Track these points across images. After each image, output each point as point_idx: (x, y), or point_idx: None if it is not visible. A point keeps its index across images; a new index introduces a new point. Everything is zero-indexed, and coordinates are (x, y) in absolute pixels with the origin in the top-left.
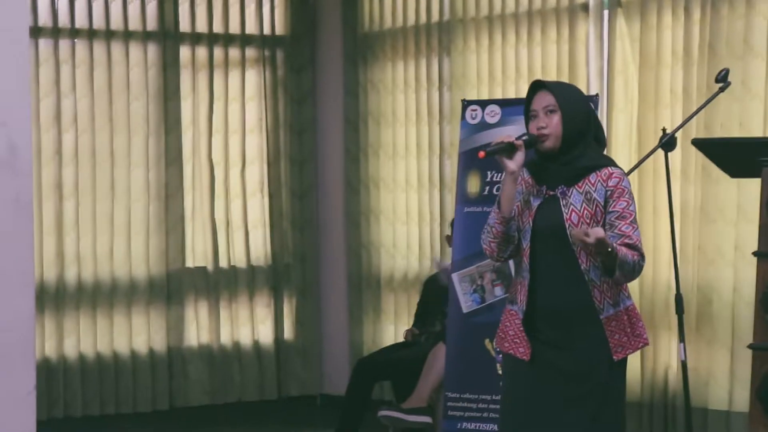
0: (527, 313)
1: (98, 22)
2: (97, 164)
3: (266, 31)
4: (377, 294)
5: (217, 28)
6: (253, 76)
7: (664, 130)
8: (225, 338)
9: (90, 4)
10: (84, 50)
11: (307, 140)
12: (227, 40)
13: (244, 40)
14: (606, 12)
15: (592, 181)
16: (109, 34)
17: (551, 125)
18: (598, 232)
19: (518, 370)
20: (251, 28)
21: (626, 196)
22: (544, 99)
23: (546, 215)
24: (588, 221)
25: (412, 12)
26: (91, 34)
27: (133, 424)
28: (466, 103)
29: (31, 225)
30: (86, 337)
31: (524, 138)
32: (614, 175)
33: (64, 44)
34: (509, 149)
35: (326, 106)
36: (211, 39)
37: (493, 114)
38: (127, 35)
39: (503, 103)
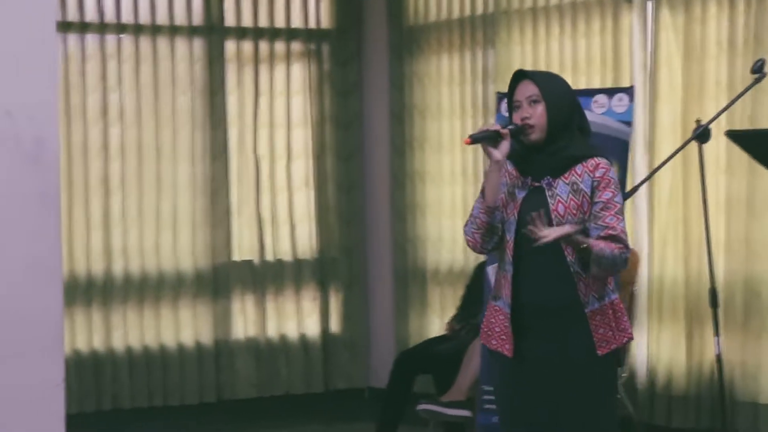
0: (513, 308)
1: (144, 18)
2: (144, 159)
3: (312, 24)
4: (423, 287)
5: (263, 22)
6: (298, 70)
7: (698, 121)
8: (271, 331)
9: None
10: (130, 45)
11: (353, 134)
12: (273, 34)
13: (289, 34)
14: (650, 3)
15: (579, 172)
16: (155, 29)
17: (535, 116)
18: (559, 230)
19: (507, 367)
20: (297, 21)
21: (612, 187)
22: (528, 89)
23: (531, 207)
24: (575, 212)
25: (456, 4)
26: (137, 29)
27: (181, 417)
28: (500, 96)
29: (58, 219)
30: (133, 330)
31: (510, 127)
32: (600, 165)
33: (110, 39)
34: (494, 137)
35: (372, 99)
36: (256, 33)
37: None
38: (173, 30)
39: None
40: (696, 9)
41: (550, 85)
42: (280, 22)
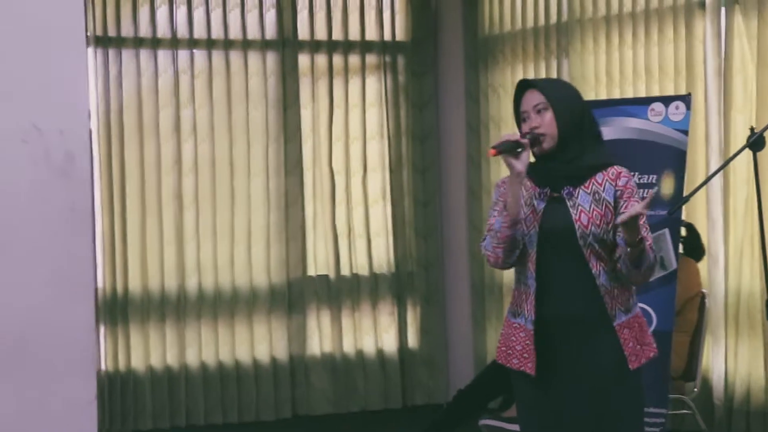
0: (536, 324)
1: (217, 32)
2: (217, 173)
3: (387, 37)
4: (500, 300)
5: (337, 35)
6: (373, 83)
7: (752, 129)
8: (348, 347)
9: (208, 14)
10: (203, 60)
11: (430, 146)
12: (347, 47)
13: (364, 46)
14: (723, 9)
15: (600, 181)
16: (227, 44)
17: (544, 124)
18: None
19: (530, 387)
20: (371, 34)
21: (636, 197)
22: (533, 98)
23: (552, 218)
24: (599, 222)
25: (530, 13)
26: (209, 44)
27: None
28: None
29: (90, 233)
30: (208, 346)
31: (528, 137)
32: (623, 174)
33: (182, 54)
34: (515, 148)
35: (448, 111)
36: (330, 46)
37: None
38: (246, 44)
39: (596, 104)
40: None
41: (555, 91)
42: (354, 35)
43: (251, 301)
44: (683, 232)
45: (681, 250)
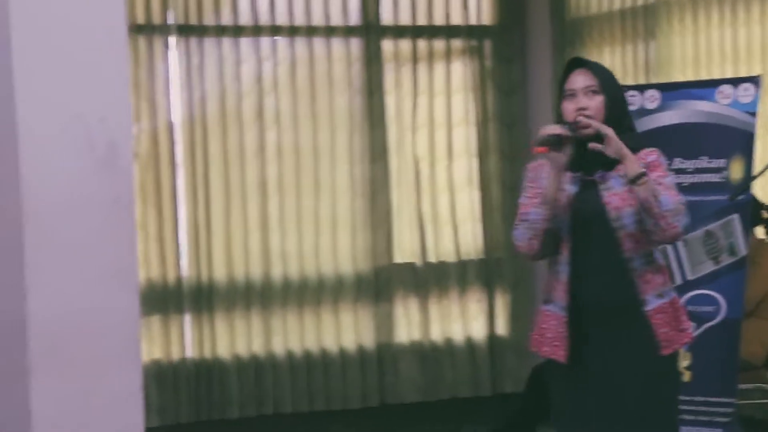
0: (568, 310)
1: (299, 19)
2: (301, 161)
3: (473, 21)
4: None
5: (421, 20)
6: (459, 69)
7: None
8: (436, 334)
9: (291, 1)
10: (286, 47)
11: (517, 132)
12: (432, 32)
13: (449, 31)
14: None
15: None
16: (310, 31)
17: (593, 107)
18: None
19: (562, 374)
20: (457, 19)
21: (661, 169)
22: (585, 79)
23: (585, 202)
24: (633, 203)
25: None
26: (292, 31)
27: (343, 421)
28: (624, 89)
29: (133, 225)
30: (294, 335)
31: (568, 127)
32: (652, 153)
33: (265, 42)
34: (559, 141)
35: (536, 96)
36: (415, 32)
37: (652, 99)
38: (329, 31)
39: (663, 88)
40: None
41: (607, 77)
42: (439, 20)
43: (337, 289)
44: (765, 214)
45: (764, 234)
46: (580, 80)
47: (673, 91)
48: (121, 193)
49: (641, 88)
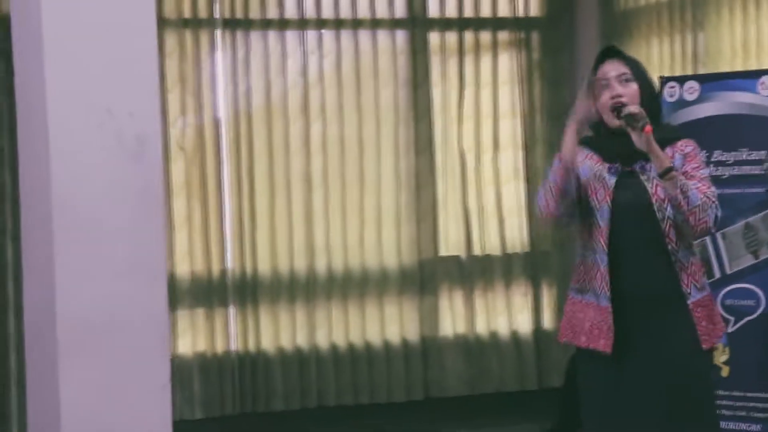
0: (612, 300)
1: (345, 12)
2: (346, 154)
3: (520, 13)
4: None
5: (468, 12)
6: (505, 61)
7: None
8: (481, 328)
9: None
10: (331, 40)
11: (564, 125)
12: (479, 24)
13: (496, 23)
14: None
15: (670, 154)
16: (356, 24)
17: (628, 94)
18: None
19: (600, 365)
20: (504, 11)
21: (697, 161)
22: (618, 67)
23: (626, 193)
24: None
25: None
26: (338, 24)
27: (388, 414)
28: (664, 80)
29: (161, 218)
30: (338, 328)
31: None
32: (689, 144)
33: (310, 35)
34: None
35: None
36: (461, 24)
37: (691, 90)
38: (374, 23)
39: (702, 79)
40: None
41: (639, 66)
42: (486, 12)
43: (382, 282)
44: None
45: None
46: (613, 69)
47: (712, 81)
48: (149, 186)
49: (681, 80)
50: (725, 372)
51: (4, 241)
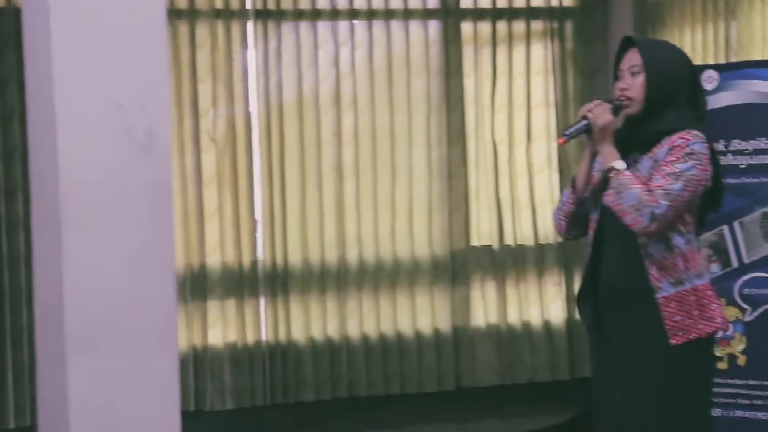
0: (593, 289)
1: (377, 2)
2: (378, 144)
3: (554, 2)
4: None
5: (501, 2)
6: (539, 50)
7: None
8: (513, 318)
9: None
10: (363, 31)
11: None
12: (512, 14)
13: (530, 13)
14: None
15: (662, 145)
16: (388, 14)
17: (634, 87)
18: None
19: (594, 342)
20: (537, 0)
21: (675, 155)
22: (632, 58)
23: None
24: None
25: None
26: (369, 14)
27: (419, 404)
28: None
29: (170, 210)
30: (369, 318)
31: (612, 106)
32: (682, 136)
33: (342, 26)
34: (588, 130)
35: None
36: (495, 14)
37: (710, 79)
38: (407, 14)
39: (721, 68)
40: None
41: (655, 55)
42: (519, 2)
43: (413, 273)
44: None
45: None
46: (627, 59)
47: (730, 71)
48: (159, 178)
49: (700, 69)
50: (742, 361)
51: (17, 233)
